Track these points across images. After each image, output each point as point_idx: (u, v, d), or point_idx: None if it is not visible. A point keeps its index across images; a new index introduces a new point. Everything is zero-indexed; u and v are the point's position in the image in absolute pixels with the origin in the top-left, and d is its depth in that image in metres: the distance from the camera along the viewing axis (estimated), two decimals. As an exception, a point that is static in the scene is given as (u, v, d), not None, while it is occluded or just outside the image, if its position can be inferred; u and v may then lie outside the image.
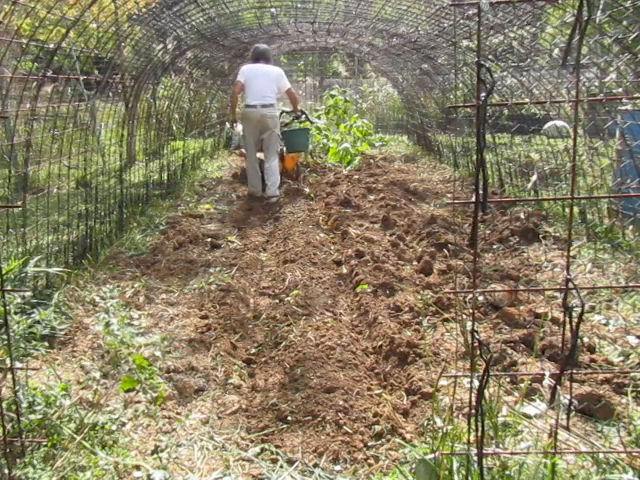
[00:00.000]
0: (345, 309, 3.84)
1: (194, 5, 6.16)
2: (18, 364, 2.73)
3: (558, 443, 1.89)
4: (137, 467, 2.20)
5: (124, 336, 3.06)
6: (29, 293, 3.37)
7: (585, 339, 3.14)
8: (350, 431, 2.41)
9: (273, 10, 7.35)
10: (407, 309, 3.63)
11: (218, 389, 2.87)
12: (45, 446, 2.20)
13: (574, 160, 1.68)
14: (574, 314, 1.58)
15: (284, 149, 7.43)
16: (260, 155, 7.00)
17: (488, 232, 5.33)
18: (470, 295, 3.65)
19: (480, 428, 1.60)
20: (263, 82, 6.55)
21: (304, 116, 7.70)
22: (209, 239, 5.47)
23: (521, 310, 3.51)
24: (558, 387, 1.91)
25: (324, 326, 3.41)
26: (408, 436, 2.40)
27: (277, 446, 2.37)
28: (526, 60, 5.82)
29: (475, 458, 1.80)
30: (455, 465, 1.88)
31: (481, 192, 1.52)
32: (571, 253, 4.46)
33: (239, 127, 7.09)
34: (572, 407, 2.15)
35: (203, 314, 3.76)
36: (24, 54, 5.53)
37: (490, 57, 6.40)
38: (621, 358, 2.99)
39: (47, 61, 4.34)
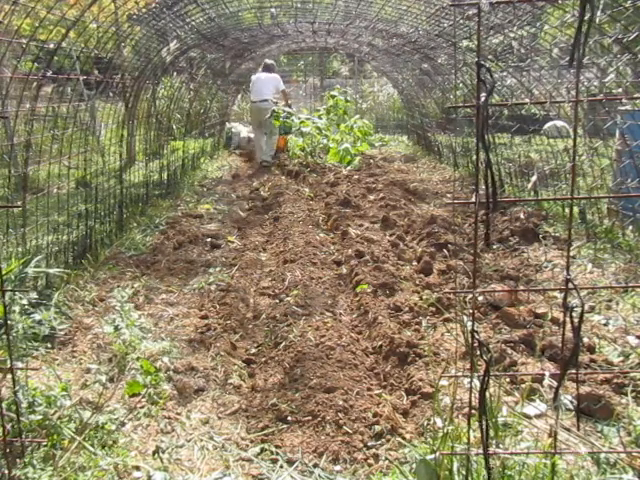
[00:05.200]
0: (345, 309, 3.83)
1: (194, 5, 6.16)
2: (18, 364, 2.73)
3: (558, 443, 1.89)
4: (137, 467, 2.20)
5: (132, 340, 3.06)
6: (33, 294, 3.36)
7: (585, 339, 3.14)
8: (350, 431, 2.41)
9: (273, 10, 7.35)
10: (407, 309, 3.63)
11: (218, 389, 2.87)
12: (45, 446, 2.19)
13: (574, 160, 1.68)
14: (574, 314, 1.57)
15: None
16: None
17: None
18: (470, 295, 3.65)
19: (484, 428, 1.60)
20: (263, 84, 9.42)
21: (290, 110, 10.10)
22: (209, 239, 5.47)
23: (521, 310, 3.51)
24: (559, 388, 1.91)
25: (324, 326, 3.41)
26: (408, 436, 2.40)
27: (277, 446, 2.37)
28: (526, 60, 5.81)
29: (475, 458, 1.80)
30: (455, 465, 1.88)
31: (485, 191, 1.52)
32: (571, 253, 4.46)
33: (233, 124, 10.11)
34: (574, 407, 2.15)
35: (203, 314, 3.76)
36: (24, 54, 5.53)
37: (490, 57, 6.40)
38: (621, 358, 2.99)
39: (47, 61, 4.34)
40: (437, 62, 8.39)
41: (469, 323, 3.23)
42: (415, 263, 4.60)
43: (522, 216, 5.45)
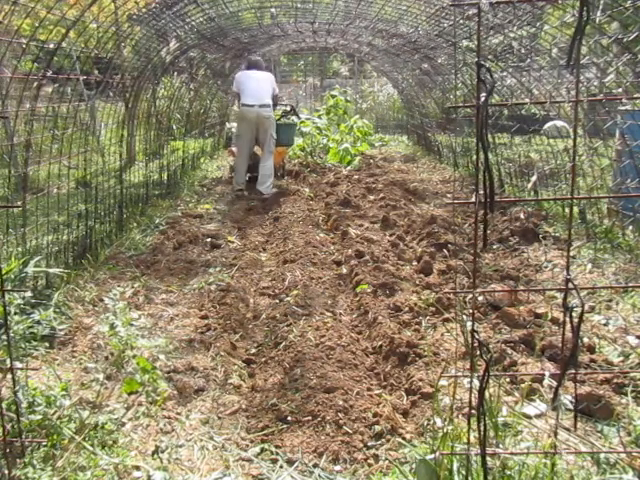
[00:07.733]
0: (345, 309, 3.83)
1: (194, 5, 6.16)
2: (18, 364, 2.73)
3: (558, 443, 1.89)
4: (137, 467, 2.20)
5: (128, 338, 3.06)
6: (29, 293, 3.36)
7: (585, 339, 3.14)
8: (350, 431, 2.41)
9: (273, 10, 7.35)
10: (407, 309, 3.63)
11: (218, 389, 2.87)
12: (45, 446, 2.19)
13: (574, 160, 1.68)
14: (574, 314, 1.58)
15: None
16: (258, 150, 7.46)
17: (488, 232, 5.33)
18: (470, 295, 3.65)
19: (482, 428, 1.60)
20: (260, 84, 6.99)
21: (292, 111, 8.05)
22: (209, 239, 5.47)
23: (521, 310, 3.51)
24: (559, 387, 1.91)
25: (324, 326, 3.41)
26: (408, 436, 2.40)
27: (277, 446, 2.37)
28: (526, 60, 5.81)
29: (475, 458, 1.80)
30: (455, 465, 1.88)
31: (484, 191, 1.52)
32: (571, 253, 4.46)
33: (232, 124, 7.27)
34: (574, 407, 2.15)
35: (203, 314, 3.75)
36: (24, 54, 5.53)
37: (490, 57, 6.40)
38: (621, 358, 2.99)
39: (47, 61, 4.34)
40: (437, 62, 8.39)
41: (469, 323, 3.23)
42: (415, 263, 4.60)
43: (522, 216, 5.45)
